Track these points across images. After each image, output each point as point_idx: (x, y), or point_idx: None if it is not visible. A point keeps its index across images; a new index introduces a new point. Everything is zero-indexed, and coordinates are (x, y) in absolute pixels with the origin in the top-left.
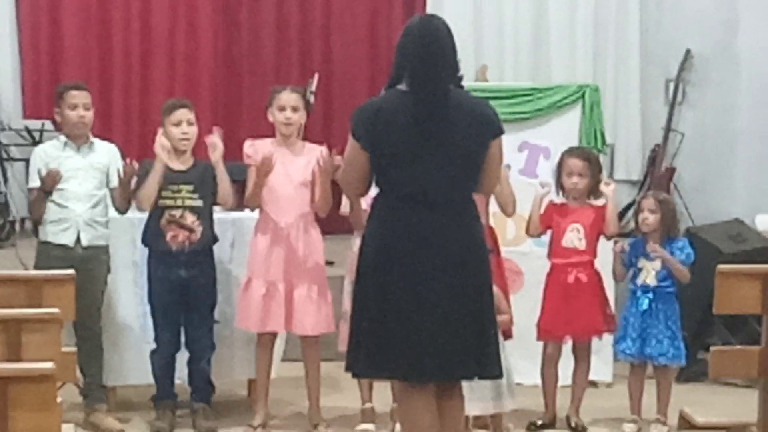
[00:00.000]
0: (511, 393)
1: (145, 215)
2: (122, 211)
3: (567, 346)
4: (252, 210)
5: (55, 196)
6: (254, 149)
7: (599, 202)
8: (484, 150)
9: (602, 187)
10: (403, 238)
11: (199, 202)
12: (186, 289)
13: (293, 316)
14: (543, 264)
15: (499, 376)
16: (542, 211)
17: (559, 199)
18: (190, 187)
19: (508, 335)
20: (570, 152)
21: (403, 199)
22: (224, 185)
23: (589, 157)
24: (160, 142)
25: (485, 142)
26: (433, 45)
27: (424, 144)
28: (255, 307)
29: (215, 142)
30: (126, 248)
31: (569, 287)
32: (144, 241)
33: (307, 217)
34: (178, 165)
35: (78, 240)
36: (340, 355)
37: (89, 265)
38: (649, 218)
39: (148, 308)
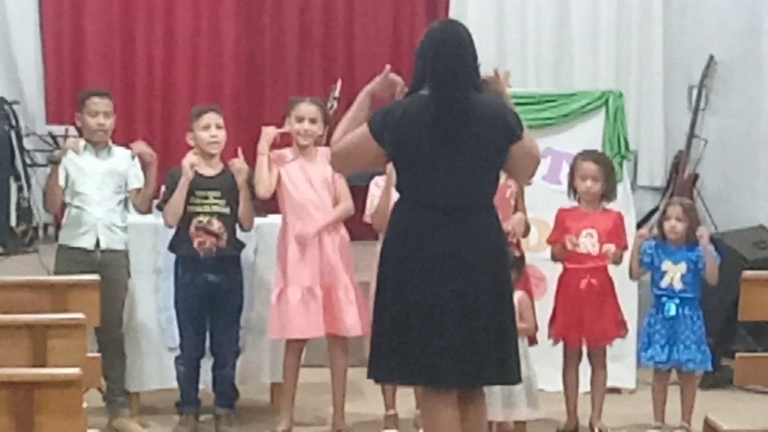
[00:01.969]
0: (533, 402)
1: None
2: (143, 211)
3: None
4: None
5: (74, 200)
6: (273, 159)
7: (612, 207)
8: (503, 156)
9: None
10: (423, 244)
11: (226, 209)
12: (213, 294)
13: (335, 318)
14: None
15: (519, 382)
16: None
17: (570, 204)
18: (218, 194)
19: (533, 342)
20: (584, 155)
21: (424, 206)
22: (246, 209)
23: (602, 160)
24: (189, 159)
25: (504, 148)
26: (454, 49)
27: (445, 148)
28: (293, 315)
29: (240, 168)
30: (148, 254)
31: (581, 293)
32: (171, 248)
33: None
34: (207, 170)
35: (97, 244)
36: (363, 360)
37: (109, 269)
38: (678, 226)
39: (169, 314)
